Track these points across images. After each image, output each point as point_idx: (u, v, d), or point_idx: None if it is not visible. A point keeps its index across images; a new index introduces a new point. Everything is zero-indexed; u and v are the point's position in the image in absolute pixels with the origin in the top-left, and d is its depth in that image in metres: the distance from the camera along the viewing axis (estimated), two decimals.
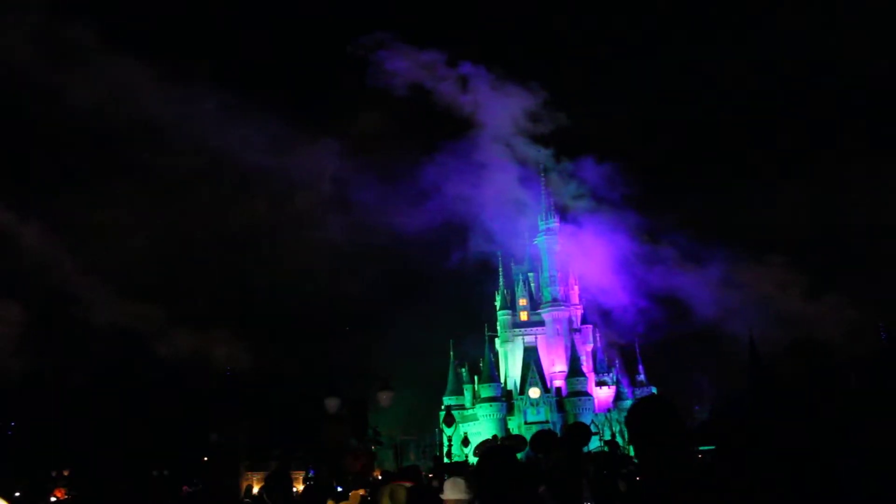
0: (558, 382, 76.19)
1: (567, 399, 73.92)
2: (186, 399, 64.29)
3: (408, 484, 7.04)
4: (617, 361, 78.08)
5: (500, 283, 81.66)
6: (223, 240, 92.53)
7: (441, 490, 6.27)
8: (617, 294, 79.75)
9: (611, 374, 76.81)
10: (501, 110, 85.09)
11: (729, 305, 78.83)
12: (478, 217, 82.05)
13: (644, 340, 78.52)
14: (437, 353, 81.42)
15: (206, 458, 62.40)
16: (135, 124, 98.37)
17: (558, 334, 78.37)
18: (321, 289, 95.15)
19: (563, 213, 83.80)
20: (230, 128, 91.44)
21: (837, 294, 79.98)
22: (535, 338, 78.97)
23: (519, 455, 5.44)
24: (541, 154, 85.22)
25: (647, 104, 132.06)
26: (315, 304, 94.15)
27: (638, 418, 3.53)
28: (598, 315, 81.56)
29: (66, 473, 58.13)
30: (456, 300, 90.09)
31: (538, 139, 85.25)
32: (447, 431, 38.38)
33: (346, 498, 10.71)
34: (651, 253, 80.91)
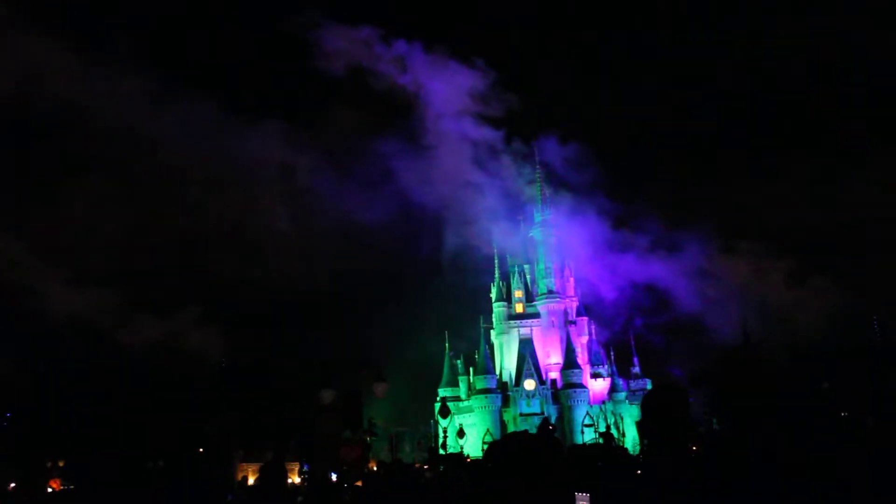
0: (553, 374, 76.26)
1: (562, 391, 74.00)
2: (180, 391, 64.25)
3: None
4: (611, 353, 78.08)
5: (496, 275, 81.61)
6: (187, 230, 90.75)
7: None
8: (599, 284, 79.77)
9: (606, 367, 76.88)
10: (446, 91, 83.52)
11: (712, 295, 78.75)
12: (448, 204, 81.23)
13: (635, 332, 78.66)
14: (432, 344, 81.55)
15: (200, 450, 62.56)
16: (58, 107, 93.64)
17: (554, 326, 78.41)
18: (308, 279, 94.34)
19: (520, 198, 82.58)
20: (162, 111, 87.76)
21: (821, 283, 79.69)
22: (531, 330, 78.96)
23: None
24: (534, 146, 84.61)
25: (607, 86, 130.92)
26: (305, 294, 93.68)
27: (654, 407, 3.51)
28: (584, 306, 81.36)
29: (61, 464, 58.16)
30: (450, 291, 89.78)
31: (492, 121, 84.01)
32: (442, 423, 38.44)
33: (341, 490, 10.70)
34: (625, 241, 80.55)
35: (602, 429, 50.14)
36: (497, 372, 77.32)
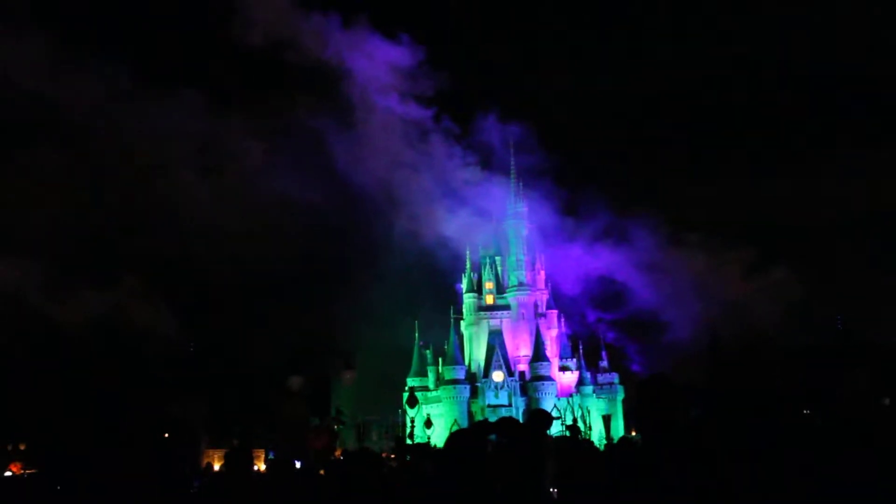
0: (522, 366, 76.67)
1: (530, 383, 74.46)
2: (148, 375, 63.62)
3: None
4: (580, 347, 78.58)
5: (467, 266, 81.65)
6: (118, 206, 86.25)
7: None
8: (565, 277, 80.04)
9: (574, 360, 77.46)
10: (371, 67, 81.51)
11: (670, 290, 79.05)
12: (394, 188, 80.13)
13: (596, 327, 79.37)
14: (402, 333, 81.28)
15: (166, 434, 62.00)
16: None
17: (523, 318, 78.78)
18: (265, 262, 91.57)
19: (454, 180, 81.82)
20: (67, 76, 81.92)
21: (781, 276, 79.79)
22: (501, 321, 79.29)
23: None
24: (507, 134, 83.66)
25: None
26: (266, 277, 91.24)
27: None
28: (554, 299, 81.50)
29: (22, 448, 57.30)
30: (420, 280, 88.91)
31: (423, 100, 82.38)
32: (410, 413, 38.56)
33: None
34: (578, 230, 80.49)
35: (569, 422, 50.57)
36: (466, 363, 77.59)
